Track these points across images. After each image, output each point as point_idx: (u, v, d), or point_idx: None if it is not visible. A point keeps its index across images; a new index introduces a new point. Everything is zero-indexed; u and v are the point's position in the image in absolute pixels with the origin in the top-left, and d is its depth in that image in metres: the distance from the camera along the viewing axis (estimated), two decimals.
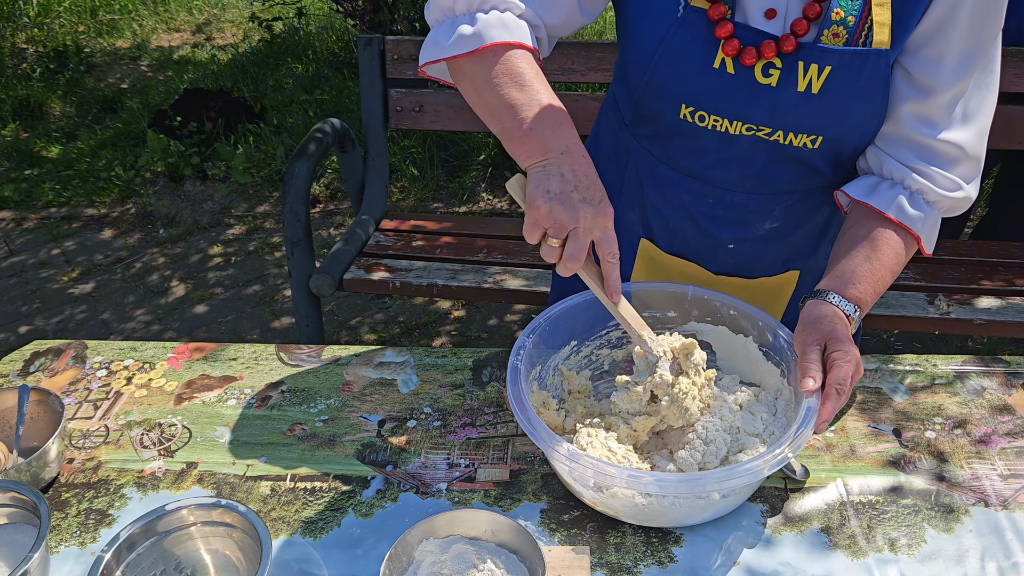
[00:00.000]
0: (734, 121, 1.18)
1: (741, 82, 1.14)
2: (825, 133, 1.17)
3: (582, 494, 1.10)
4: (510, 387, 1.10)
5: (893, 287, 2.45)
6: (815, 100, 1.13)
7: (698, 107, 1.18)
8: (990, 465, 1.19)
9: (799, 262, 1.40)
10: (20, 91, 5.29)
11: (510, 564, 1.00)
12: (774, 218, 1.31)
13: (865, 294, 1.15)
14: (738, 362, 1.28)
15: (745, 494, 1.10)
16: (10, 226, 4.11)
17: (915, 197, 1.18)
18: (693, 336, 1.28)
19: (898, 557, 1.06)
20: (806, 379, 1.05)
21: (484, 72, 1.09)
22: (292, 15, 5.91)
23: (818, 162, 1.23)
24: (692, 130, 1.22)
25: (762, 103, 1.15)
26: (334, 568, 1.06)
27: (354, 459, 1.23)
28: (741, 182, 1.26)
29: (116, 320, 3.41)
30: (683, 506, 1.04)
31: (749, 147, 1.21)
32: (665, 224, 1.37)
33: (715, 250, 1.36)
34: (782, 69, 1.12)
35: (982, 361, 1.39)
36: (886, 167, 1.19)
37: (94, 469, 1.22)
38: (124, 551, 0.99)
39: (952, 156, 1.15)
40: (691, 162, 1.27)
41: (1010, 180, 2.85)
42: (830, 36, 1.10)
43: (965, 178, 1.18)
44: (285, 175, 2.55)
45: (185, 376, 1.40)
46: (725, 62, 1.13)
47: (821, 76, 1.12)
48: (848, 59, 1.10)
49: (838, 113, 1.15)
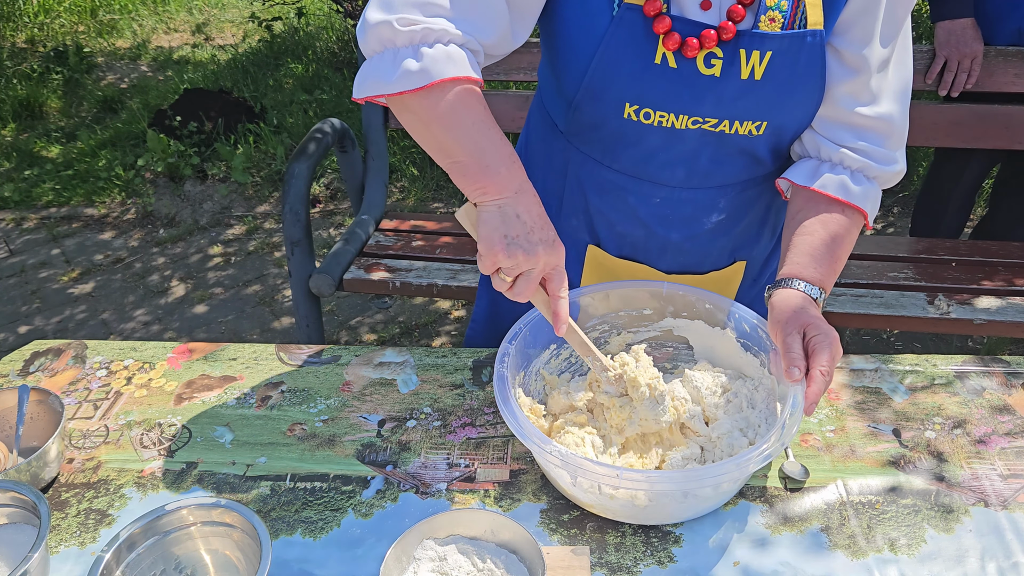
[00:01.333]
0: (680, 115, 1.18)
1: (685, 75, 1.15)
2: (769, 119, 1.19)
3: (578, 497, 1.10)
4: (498, 395, 1.11)
5: (893, 287, 2.46)
6: (758, 86, 1.15)
7: (642, 104, 1.18)
8: (990, 465, 1.19)
9: (744, 252, 1.42)
10: (20, 91, 5.29)
11: (510, 564, 1.00)
12: (720, 211, 1.33)
13: (826, 276, 1.17)
14: (717, 355, 1.29)
15: (737, 487, 1.11)
16: (10, 226, 4.11)
17: (856, 175, 1.21)
18: (670, 331, 1.29)
19: (898, 557, 1.06)
20: (792, 368, 1.06)
21: (432, 108, 1.05)
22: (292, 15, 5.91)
23: (760, 151, 1.25)
24: (637, 129, 1.22)
25: (707, 94, 1.16)
26: (334, 568, 1.06)
27: (354, 459, 1.23)
28: (687, 178, 1.28)
29: (116, 320, 3.41)
30: (672, 502, 1.05)
31: (694, 141, 1.22)
32: (612, 228, 1.37)
33: (664, 250, 1.37)
34: (724, 58, 1.13)
35: (982, 361, 1.39)
36: (824, 149, 1.21)
37: (94, 469, 1.22)
38: (124, 551, 0.99)
39: (883, 131, 1.19)
40: (636, 163, 1.28)
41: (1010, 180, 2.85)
42: (767, 21, 1.11)
43: (897, 150, 1.21)
44: (285, 175, 2.55)
45: (185, 376, 1.40)
46: (667, 56, 1.14)
47: (763, 62, 1.13)
48: (787, 43, 1.12)
49: (781, 97, 1.17)
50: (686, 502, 1.05)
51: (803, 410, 1.04)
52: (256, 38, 6.14)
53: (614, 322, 1.32)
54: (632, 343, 1.34)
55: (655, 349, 1.34)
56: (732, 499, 1.14)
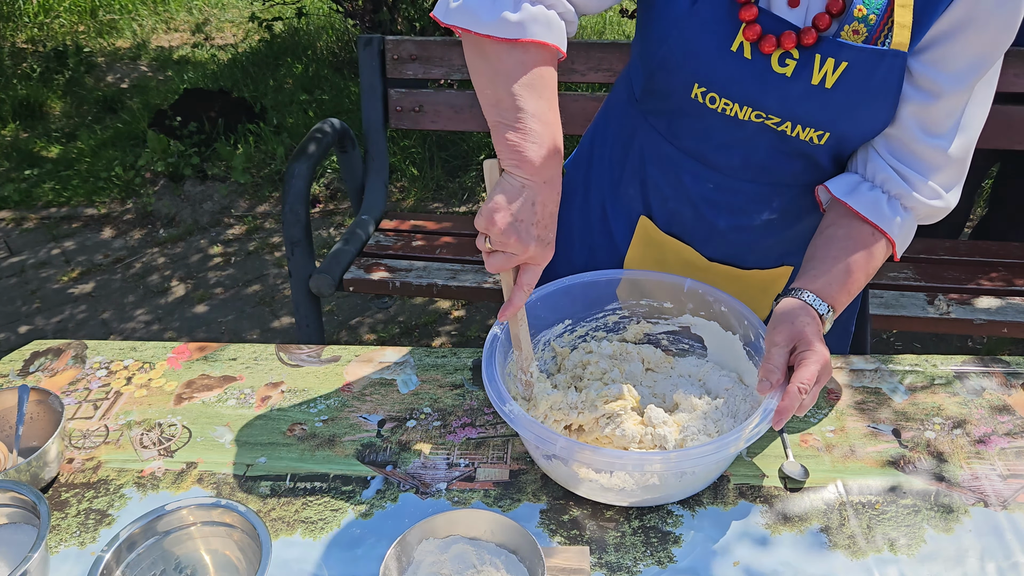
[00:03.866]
0: (744, 106, 1.17)
1: (756, 68, 1.14)
2: (833, 129, 1.17)
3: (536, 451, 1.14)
4: (485, 353, 1.14)
5: (893, 287, 2.46)
6: (827, 94, 1.13)
7: (710, 88, 1.18)
8: (990, 465, 1.19)
9: (794, 258, 1.40)
10: (20, 91, 5.29)
11: (510, 564, 1.00)
12: (772, 209, 1.31)
13: (839, 294, 1.15)
14: (726, 358, 1.29)
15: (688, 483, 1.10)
16: (10, 226, 4.11)
17: (893, 202, 1.18)
18: (687, 328, 1.30)
19: (897, 557, 1.06)
20: (763, 381, 1.06)
21: (509, 63, 1.04)
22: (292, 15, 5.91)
23: (822, 158, 1.23)
24: (701, 110, 1.21)
25: (774, 91, 1.15)
26: (334, 568, 1.06)
27: (354, 459, 1.23)
28: (743, 169, 1.26)
29: (116, 320, 3.41)
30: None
31: (755, 134, 1.21)
32: (664, 203, 1.37)
33: (710, 235, 1.36)
34: (799, 60, 1.12)
35: (982, 361, 1.39)
36: (870, 166, 1.19)
37: (94, 469, 1.22)
38: (124, 551, 0.99)
39: (937, 163, 1.16)
40: (695, 143, 1.27)
41: (1010, 180, 2.85)
42: (850, 32, 1.10)
43: (946, 186, 1.18)
44: (285, 175, 2.55)
45: (185, 376, 1.40)
46: (743, 46, 1.13)
47: (836, 71, 1.11)
48: (865, 57, 1.10)
49: (848, 110, 1.14)
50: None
51: (771, 422, 1.03)
52: (256, 38, 6.14)
53: (634, 309, 1.33)
54: (650, 333, 1.34)
55: (672, 344, 1.35)
56: (732, 499, 1.14)
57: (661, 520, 1.12)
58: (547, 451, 1.06)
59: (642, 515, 1.12)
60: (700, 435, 1.13)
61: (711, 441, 1.03)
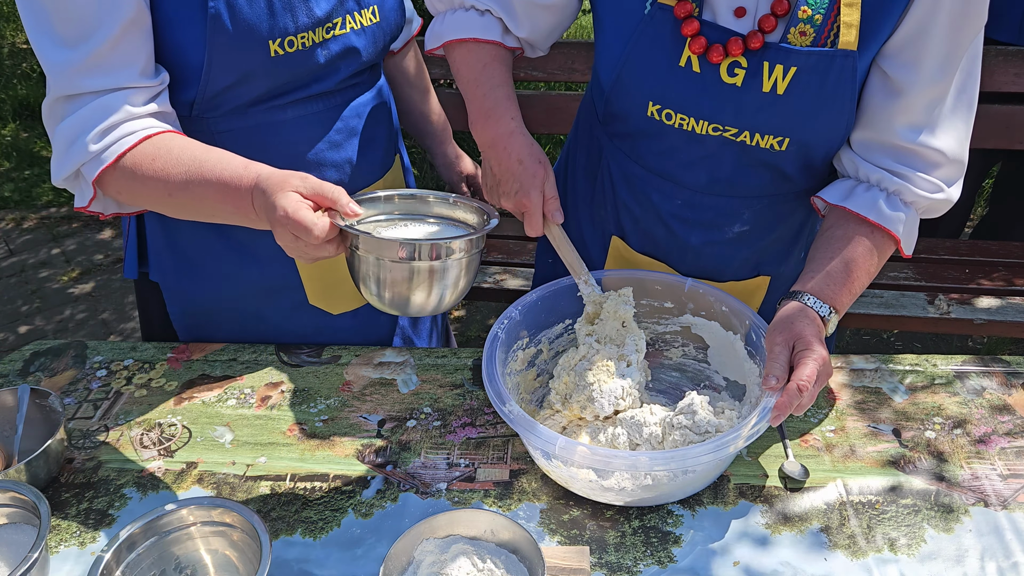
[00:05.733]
0: (700, 120, 1.18)
1: (707, 81, 1.15)
2: (792, 135, 1.17)
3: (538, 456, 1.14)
4: (486, 353, 1.14)
5: (893, 287, 2.46)
6: (780, 101, 1.13)
7: (664, 105, 1.19)
8: (990, 465, 1.19)
9: (770, 268, 1.40)
10: (20, 91, 5.29)
11: (510, 564, 1.00)
12: (743, 222, 1.31)
13: (841, 295, 1.15)
14: (727, 358, 1.29)
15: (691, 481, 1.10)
16: (10, 226, 4.11)
17: (892, 198, 1.18)
18: (688, 328, 1.30)
19: (898, 557, 1.06)
20: (769, 377, 1.06)
21: (452, 64, 1.30)
22: None
23: (787, 166, 1.23)
24: (660, 129, 1.22)
25: (727, 103, 1.15)
26: (334, 568, 1.06)
27: (354, 459, 1.23)
28: (710, 184, 1.27)
29: (116, 320, 3.41)
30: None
31: (717, 148, 1.22)
32: (636, 224, 1.38)
33: (684, 252, 1.37)
34: (747, 69, 1.12)
35: (982, 361, 1.39)
36: (862, 171, 1.19)
37: (94, 469, 1.22)
38: (124, 551, 0.99)
39: (932, 160, 1.15)
40: (660, 162, 1.28)
41: (1010, 180, 2.85)
42: (797, 35, 1.10)
43: (947, 180, 1.17)
44: None
45: (185, 376, 1.40)
46: (691, 60, 1.14)
47: (787, 77, 1.12)
48: (814, 60, 1.10)
49: (804, 115, 1.15)
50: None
51: (768, 418, 1.03)
52: None
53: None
54: (651, 336, 1.35)
55: (669, 346, 1.35)
56: (732, 499, 1.14)
57: (661, 520, 1.12)
58: (546, 451, 1.06)
59: (642, 515, 1.12)
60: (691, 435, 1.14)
61: (711, 441, 1.03)
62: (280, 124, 1.31)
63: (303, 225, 0.99)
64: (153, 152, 1.14)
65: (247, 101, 1.27)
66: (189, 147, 1.15)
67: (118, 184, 1.16)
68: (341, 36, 1.30)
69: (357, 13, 1.32)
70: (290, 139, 1.33)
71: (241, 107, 1.27)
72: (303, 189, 1.03)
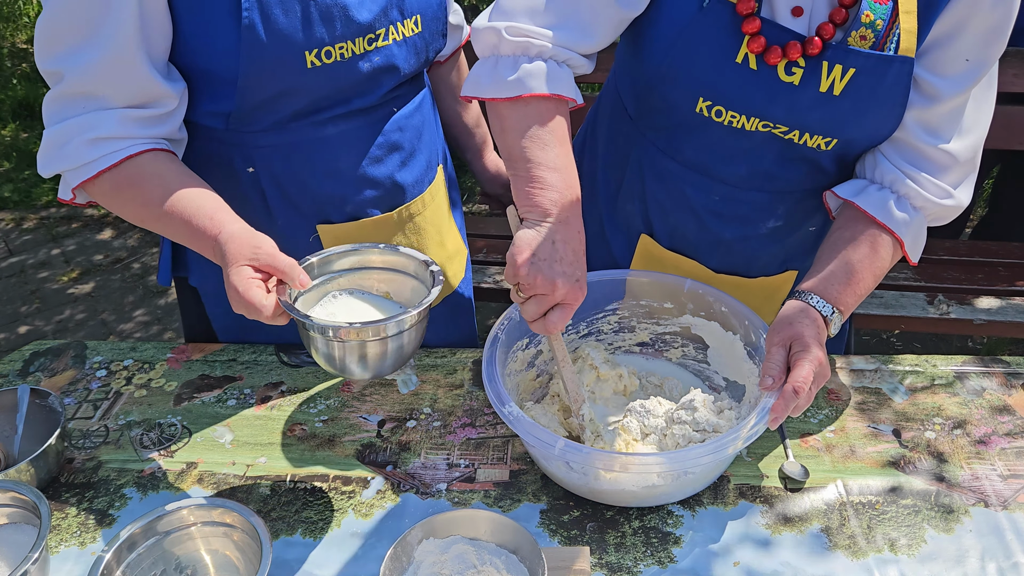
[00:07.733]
0: (751, 117, 1.17)
1: (763, 79, 1.13)
2: (840, 135, 1.17)
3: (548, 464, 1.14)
4: (486, 353, 1.14)
5: (893, 287, 2.45)
6: (835, 101, 1.13)
7: (716, 101, 1.17)
8: (990, 465, 1.19)
9: (797, 262, 1.40)
10: (20, 91, 5.29)
11: (510, 564, 1.00)
12: (777, 217, 1.31)
13: (845, 295, 1.15)
14: (726, 359, 1.29)
15: (690, 482, 1.10)
16: (10, 226, 4.11)
17: (902, 201, 1.18)
18: (688, 328, 1.30)
19: (898, 557, 1.06)
20: (765, 377, 1.06)
21: (513, 118, 1.11)
22: None
23: (826, 162, 1.23)
24: (706, 124, 1.21)
25: (782, 101, 1.15)
26: (334, 568, 1.06)
27: (354, 459, 1.23)
28: (749, 179, 1.26)
29: (116, 320, 3.41)
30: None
31: (761, 144, 1.21)
32: (666, 218, 1.37)
33: (715, 247, 1.36)
34: (805, 68, 1.12)
35: (982, 361, 1.39)
36: (879, 170, 1.19)
37: (94, 469, 1.22)
38: (124, 551, 0.99)
39: (944, 164, 1.16)
40: (699, 156, 1.27)
41: (1010, 180, 2.85)
42: (857, 38, 1.09)
43: (955, 185, 1.18)
44: None
45: (185, 376, 1.40)
46: (748, 57, 1.13)
47: (844, 78, 1.11)
48: (873, 63, 1.10)
49: (856, 116, 1.14)
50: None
51: (767, 421, 1.04)
52: None
53: (635, 311, 1.33)
54: (651, 336, 1.35)
55: (669, 346, 1.36)
56: (733, 499, 1.14)
57: (661, 520, 1.12)
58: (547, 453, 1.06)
59: (642, 515, 1.12)
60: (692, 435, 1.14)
61: (711, 442, 1.03)
62: (321, 141, 1.29)
63: (252, 305, 1.03)
64: (133, 174, 1.16)
65: (286, 116, 1.25)
66: (166, 178, 1.16)
67: (99, 195, 1.20)
68: (384, 48, 1.27)
69: (400, 24, 1.28)
70: (330, 156, 1.31)
71: (280, 122, 1.26)
72: (256, 262, 1.06)
